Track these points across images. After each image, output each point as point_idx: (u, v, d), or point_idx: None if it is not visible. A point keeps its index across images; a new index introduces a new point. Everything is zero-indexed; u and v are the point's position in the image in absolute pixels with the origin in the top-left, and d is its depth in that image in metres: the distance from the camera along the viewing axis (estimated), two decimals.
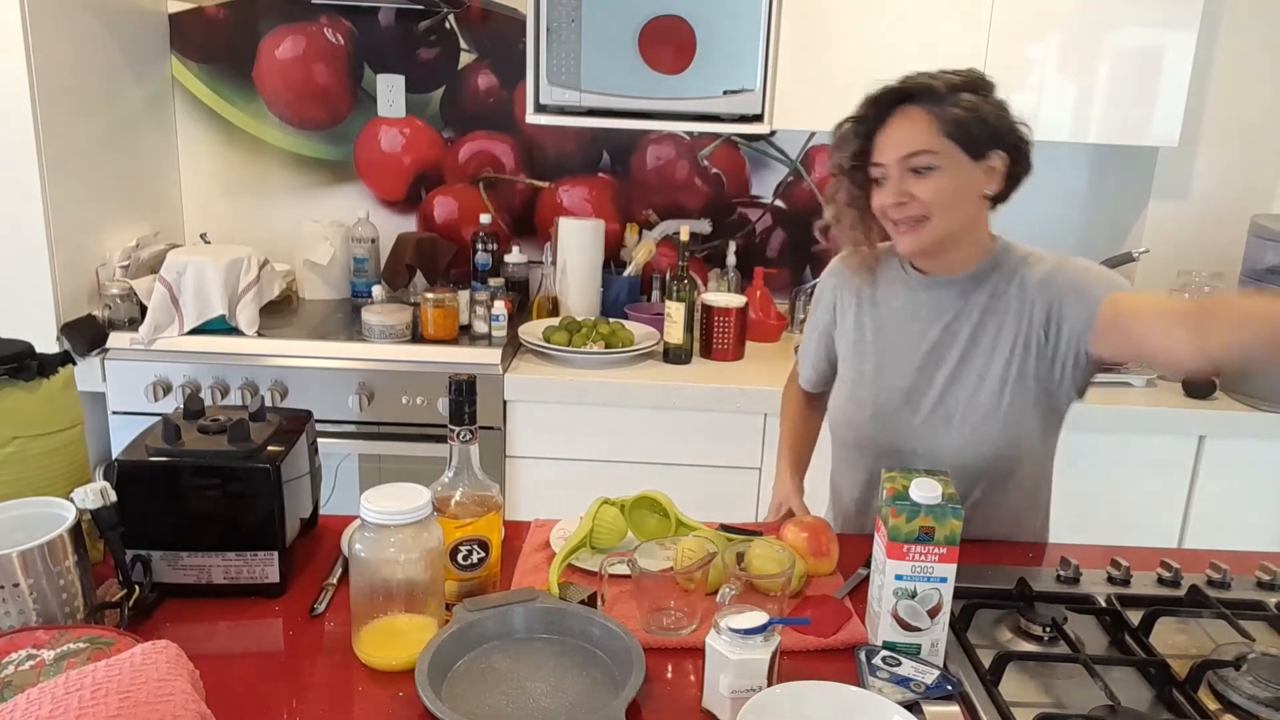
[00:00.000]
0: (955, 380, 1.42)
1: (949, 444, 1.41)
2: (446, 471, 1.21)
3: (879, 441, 1.47)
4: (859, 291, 1.52)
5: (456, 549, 1.18)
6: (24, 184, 2.20)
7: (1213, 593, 1.30)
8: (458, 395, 1.18)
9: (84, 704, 0.83)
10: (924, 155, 1.32)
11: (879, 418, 1.46)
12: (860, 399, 1.48)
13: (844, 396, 1.52)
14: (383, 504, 1.09)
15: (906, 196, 1.34)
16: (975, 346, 1.41)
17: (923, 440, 1.43)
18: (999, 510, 1.47)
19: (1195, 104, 2.47)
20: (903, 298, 1.47)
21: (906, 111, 1.34)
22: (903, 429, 1.44)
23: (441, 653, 1.06)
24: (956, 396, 1.41)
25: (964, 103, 1.33)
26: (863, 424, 1.48)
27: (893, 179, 1.35)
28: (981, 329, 1.41)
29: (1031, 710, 1.04)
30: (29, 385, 1.23)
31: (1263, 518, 2.36)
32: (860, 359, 1.50)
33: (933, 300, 1.44)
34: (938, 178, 1.33)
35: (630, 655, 1.06)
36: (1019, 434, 1.41)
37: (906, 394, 1.44)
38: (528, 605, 1.15)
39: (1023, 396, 1.39)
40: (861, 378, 1.49)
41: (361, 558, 1.10)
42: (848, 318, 1.53)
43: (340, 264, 2.77)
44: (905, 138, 1.33)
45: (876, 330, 1.49)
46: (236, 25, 2.75)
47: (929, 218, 1.34)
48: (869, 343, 1.49)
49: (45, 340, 2.24)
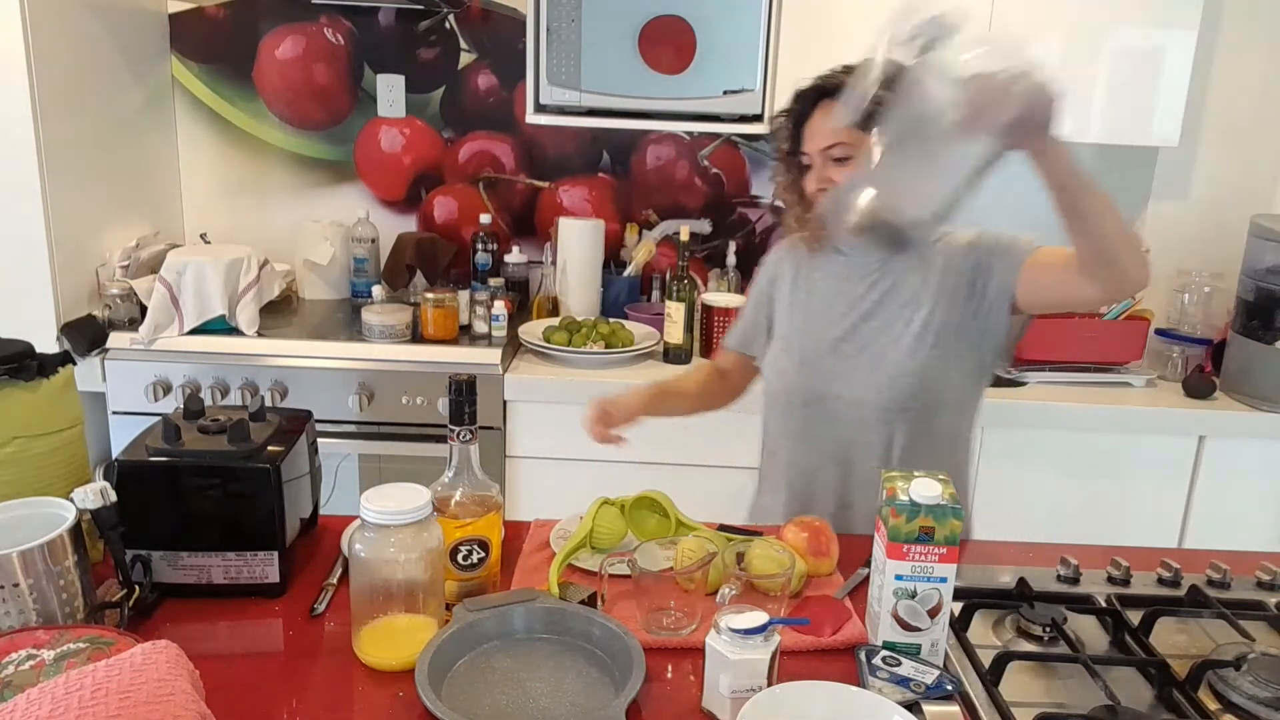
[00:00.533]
0: (882, 330, 1.53)
1: (871, 384, 1.51)
2: (446, 471, 1.21)
3: (805, 386, 1.57)
4: (798, 262, 1.65)
5: (456, 549, 1.18)
6: (24, 184, 2.20)
7: (1213, 593, 1.30)
8: (458, 395, 1.18)
9: (84, 704, 0.83)
10: (840, 147, 1.46)
11: (806, 364, 1.57)
12: (790, 349, 1.60)
13: (776, 350, 1.64)
14: (383, 504, 1.09)
15: (828, 183, 1.49)
16: (899, 297, 1.53)
17: (846, 383, 1.53)
18: (921, 462, 1.52)
19: (1195, 104, 2.47)
20: (837, 263, 1.60)
21: (826, 106, 1.48)
22: (827, 373, 1.55)
23: (441, 653, 1.06)
24: (881, 343, 1.52)
25: (877, 95, 1.41)
26: (790, 370, 1.59)
27: (816, 167, 1.50)
28: (905, 282, 1.53)
29: (1031, 710, 1.04)
30: (29, 385, 1.23)
31: (1263, 518, 2.36)
32: (793, 315, 1.62)
33: (863, 262, 1.57)
34: (854, 165, 1.46)
35: (630, 655, 1.06)
36: (938, 378, 1.51)
37: (834, 343, 1.56)
38: (528, 605, 1.15)
39: (945, 344, 1.50)
40: (793, 330, 1.62)
41: (361, 558, 1.10)
42: (785, 284, 1.65)
43: (340, 264, 2.77)
44: (824, 130, 1.47)
45: (810, 291, 1.62)
46: (236, 25, 2.75)
47: None
48: (803, 301, 1.62)
49: (45, 340, 2.24)
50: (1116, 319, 2.43)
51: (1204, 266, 2.56)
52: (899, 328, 1.51)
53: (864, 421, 1.53)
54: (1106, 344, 2.44)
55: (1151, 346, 2.47)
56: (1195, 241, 2.58)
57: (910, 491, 1.09)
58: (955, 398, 1.55)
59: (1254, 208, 2.50)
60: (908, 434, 1.52)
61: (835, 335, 1.56)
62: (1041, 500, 2.36)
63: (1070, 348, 2.43)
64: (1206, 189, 2.57)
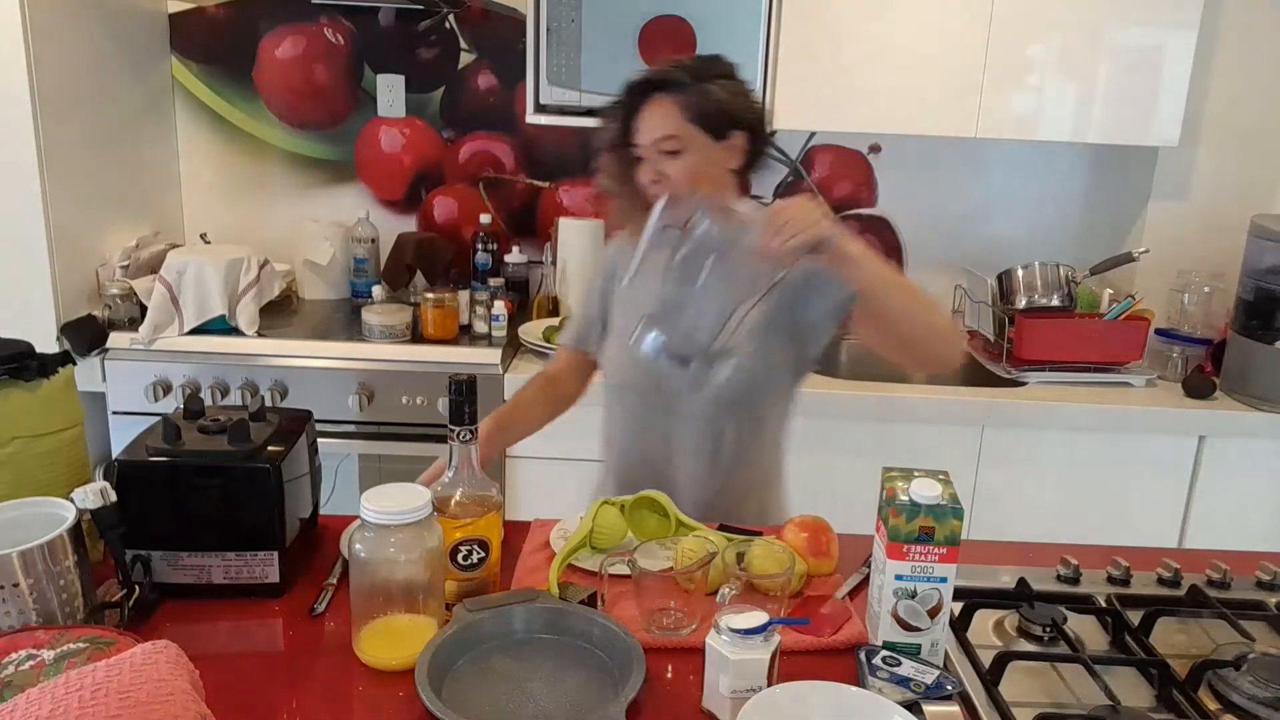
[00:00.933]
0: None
1: (712, 380, 1.53)
2: (446, 471, 1.21)
3: (646, 381, 1.58)
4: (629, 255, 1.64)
5: (456, 549, 1.18)
6: (24, 184, 2.20)
7: (1213, 593, 1.30)
8: (458, 395, 1.18)
9: (84, 704, 0.83)
10: (670, 140, 1.47)
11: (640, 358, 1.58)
12: (624, 343, 1.58)
13: (615, 345, 1.64)
14: (383, 504, 1.09)
15: (660, 175, 1.49)
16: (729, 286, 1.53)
17: (686, 379, 1.54)
18: (749, 453, 1.59)
19: (1195, 104, 2.47)
20: (667, 251, 1.59)
21: (656, 99, 1.49)
22: (660, 367, 1.55)
23: (441, 653, 1.06)
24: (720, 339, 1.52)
25: (704, 90, 1.48)
26: (625, 364, 1.60)
27: (648, 160, 1.50)
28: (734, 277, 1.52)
29: (1031, 710, 1.04)
30: (29, 385, 1.23)
31: (1263, 518, 2.36)
32: (626, 309, 1.63)
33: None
34: (684, 159, 1.48)
35: (630, 655, 1.06)
36: (768, 371, 1.55)
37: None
38: (528, 605, 1.15)
39: (778, 341, 1.53)
40: (628, 323, 1.59)
41: (361, 558, 1.10)
42: (623, 277, 1.64)
43: (340, 264, 2.77)
44: (654, 124, 1.48)
45: (642, 282, 1.60)
46: (236, 25, 2.75)
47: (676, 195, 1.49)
48: (634, 293, 1.61)
49: (45, 340, 2.24)
50: (1116, 319, 2.43)
51: (1204, 266, 2.56)
52: (733, 324, 1.52)
53: (696, 414, 1.55)
54: (1106, 344, 2.44)
55: (1151, 346, 2.47)
56: (1195, 241, 2.58)
57: (910, 491, 1.09)
58: (781, 390, 1.60)
59: (1254, 208, 2.50)
60: (737, 425, 1.56)
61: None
62: (1041, 500, 2.36)
63: (1070, 348, 2.43)
64: (1206, 189, 2.56)
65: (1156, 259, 2.53)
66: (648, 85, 1.50)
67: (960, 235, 2.85)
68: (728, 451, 1.57)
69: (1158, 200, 2.58)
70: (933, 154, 2.78)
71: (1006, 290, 2.52)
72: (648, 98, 1.49)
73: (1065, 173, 2.80)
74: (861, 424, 2.33)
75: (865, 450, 2.32)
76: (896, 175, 2.83)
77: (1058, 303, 2.48)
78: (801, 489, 1.75)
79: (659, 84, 1.49)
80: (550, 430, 2.33)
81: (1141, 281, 2.59)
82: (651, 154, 1.49)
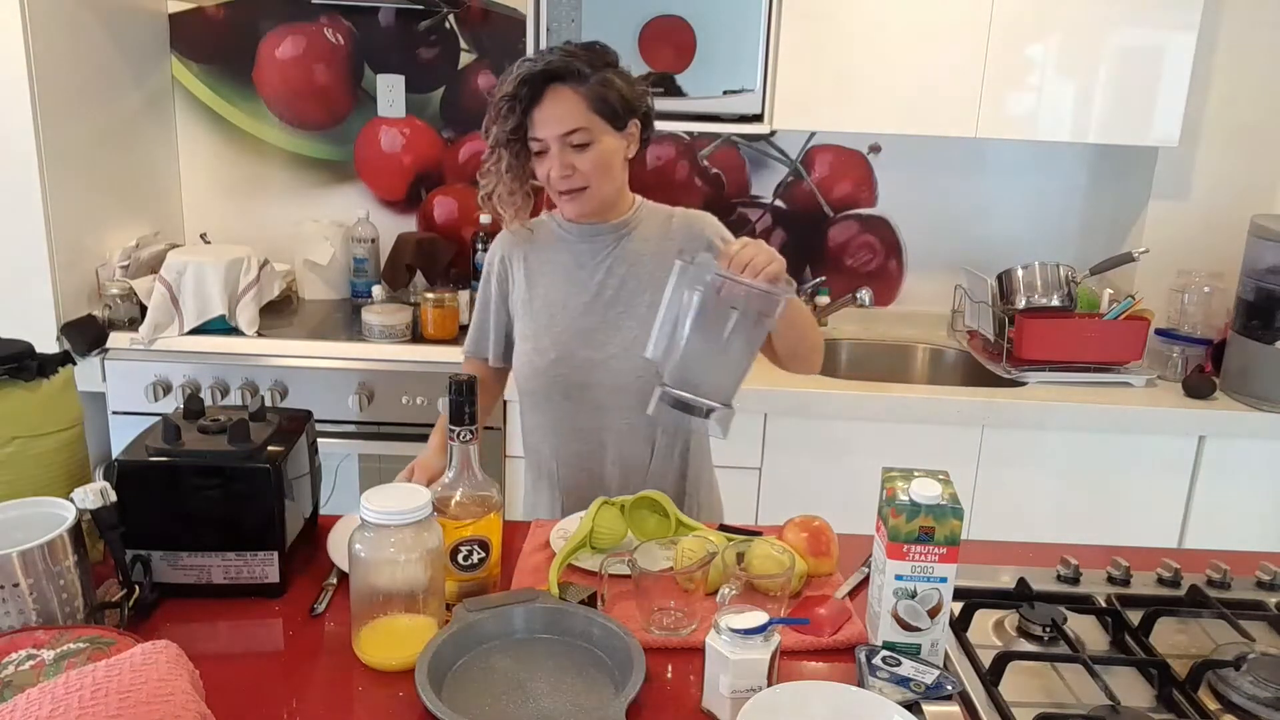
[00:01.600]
0: (626, 313, 1.56)
1: (628, 369, 1.53)
2: (447, 472, 1.21)
3: (567, 380, 1.57)
4: (525, 255, 1.63)
5: (457, 549, 1.18)
6: (24, 184, 2.20)
7: (1213, 593, 1.30)
8: (458, 395, 1.18)
9: (84, 704, 0.83)
10: (580, 132, 1.45)
11: (561, 359, 1.57)
12: (542, 346, 1.58)
13: (527, 350, 1.61)
14: (383, 504, 1.09)
15: (570, 169, 1.47)
16: (639, 282, 1.56)
17: (607, 372, 1.55)
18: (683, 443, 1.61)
19: (1195, 104, 2.47)
20: (565, 251, 1.60)
21: (558, 90, 1.45)
22: (585, 364, 1.56)
23: (441, 653, 1.06)
24: (629, 327, 1.54)
25: (604, 79, 1.47)
26: (547, 367, 1.58)
27: (554, 154, 1.47)
28: (641, 267, 1.56)
29: (1031, 710, 1.04)
30: (29, 385, 1.23)
31: (1263, 518, 2.36)
32: (535, 312, 1.60)
33: (591, 248, 1.58)
34: (593, 151, 1.47)
35: (630, 655, 1.06)
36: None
37: (585, 334, 1.57)
38: (528, 605, 1.15)
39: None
40: (540, 327, 1.60)
41: (361, 558, 1.10)
42: (519, 281, 1.63)
43: (340, 264, 2.77)
44: (561, 115, 1.45)
45: (547, 284, 1.61)
46: (236, 25, 2.75)
47: (588, 186, 1.49)
48: (541, 295, 1.61)
49: (45, 340, 2.24)
50: (1116, 319, 2.43)
51: (1204, 266, 2.56)
52: (643, 310, 1.53)
53: (626, 407, 1.55)
54: (1106, 344, 2.43)
55: (1151, 346, 2.47)
56: (1195, 241, 2.58)
57: (910, 491, 1.09)
58: None
59: (1254, 208, 2.50)
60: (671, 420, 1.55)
61: (585, 325, 1.56)
62: (1041, 500, 2.36)
63: (1070, 348, 2.43)
64: (1206, 189, 2.56)
65: (1156, 259, 2.53)
66: (547, 76, 1.44)
67: (960, 235, 2.85)
68: (663, 443, 1.58)
69: (1158, 200, 2.58)
70: (933, 154, 2.78)
71: (1006, 290, 2.52)
72: (546, 89, 1.44)
73: (1065, 173, 2.80)
74: (861, 424, 2.33)
75: (865, 450, 2.32)
76: (896, 175, 2.83)
77: (1058, 303, 2.48)
78: (802, 489, 1.75)
79: (559, 74, 1.44)
80: None
81: (1141, 281, 2.59)
82: (557, 147, 1.46)
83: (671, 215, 1.61)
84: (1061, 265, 2.50)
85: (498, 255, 1.66)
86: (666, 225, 1.59)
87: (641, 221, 1.59)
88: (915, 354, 2.79)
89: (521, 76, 1.44)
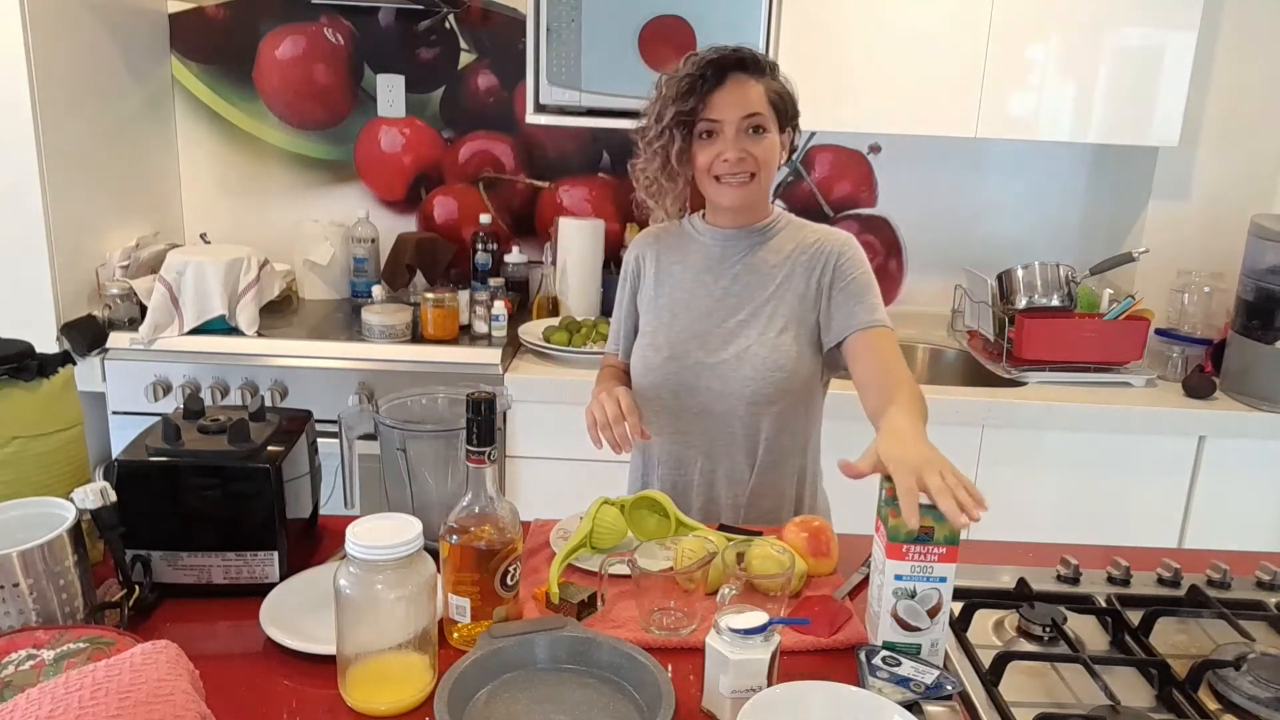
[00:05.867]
0: (746, 322, 1.55)
1: (741, 377, 1.53)
2: (465, 494, 1.13)
3: (676, 380, 1.57)
4: (658, 255, 1.64)
5: (506, 571, 1.13)
6: (24, 184, 2.20)
7: (1213, 593, 1.30)
8: (476, 414, 1.09)
9: (84, 704, 0.83)
10: (759, 117, 1.46)
11: (674, 359, 1.57)
12: (658, 344, 1.59)
13: (644, 345, 1.62)
14: (371, 538, 1.01)
15: (745, 153, 1.47)
16: (763, 292, 1.55)
17: (717, 377, 1.54)
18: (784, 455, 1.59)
19: (1195, 104, 2.47)
20: (697, 253, 1.61)
21: (740, 77, 1.47)
22: (696, 367, 1.56)
23: (463, 681, 1.01)
24: (748, 335, 1.54)
25: (780, 79, 1.52)
26: (659, 366, 1.58)
27: (729, 136, 1.46)
28: (769, 278, 1.56)
29: (1031, 710, 1.04)
30: (29, 385, 1.23)
31: (1263, 518, 2.36)
32: (659, 310, 1.61)
33: (723, 253, 1.59)
34: (768, 139, 1.48)
35: (660, 691, 0.99)
36: (801, 372, 1.54)
37: (701, 337, 1.56)
38: (552, 634, 1.08)
39: (805, 340, 1.54)
40: (659, 325, 1.60)
41: (347, 595, 1.01)
42: (648, 279, 1.64)
43: (340, 264, 2.77)
44: (745, 99, 1.46)
45: (674, 284, 1.61)
46: (236, 25, 2.75)
47: (756, 174, 1.49)
48: (666, 295, 1.61)
49: (45, 340, 2.24)
50: (1116, 319, 2.43)
51: (1204, 266, 2.56)
52: (763, 321, 1.54)
53: (732, 414, 1.55)
54: (1106, 344, 2.44)
55: (1151, 346, 2.47)
56: (1195, 241, 2.58)
57: None
58: (812, 390, 1.59)
59: (1254, 208, 2.50)
60: (772, 426, 1.56)
61: (702, 329, 1.56)
62: (1041, 500, 2.36)
63: (1070, 348, 2.43)
64: (1206, 189, 2.56)
65: (1156, 259, 2.53)
66: (728, 63, 1.46)
67: (960, 235, 2.85)
68: (764, 450, 1.56)
69: (1158, 200, 2.58)
70: (933, 154, 2.78)
71: (1006, 290, 2.52)
72: (729, 75, 1.46)
73: (1065, 173, 2.80)
74: (862, 424, 2.32)
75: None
76: (896, 175, 2.83)
77: (1058, 303, 2.48)
78: None
79: (744, 63, 1.46)
80: (550, 430, 2.34)
81: (1141, 281, 2.59)
82: (734, 130, 1.45)
83: (812, 232, 1.58)
84: (1061, 265, 2.50)
85: (633, 254, 1.68)
86: (803, 242, 1.56)
87: (778, 233, 1.58)
88: (915, 354, 2.79)
89: (707, 59, 1.46)
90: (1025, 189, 2.83)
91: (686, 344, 1.57)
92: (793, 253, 1.55)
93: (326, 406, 2.31)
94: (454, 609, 1.13)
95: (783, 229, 1.58)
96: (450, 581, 1.13)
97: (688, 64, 1.47)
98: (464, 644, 1.12)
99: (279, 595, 1.20)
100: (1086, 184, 2.81)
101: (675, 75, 1.48)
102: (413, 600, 1.03)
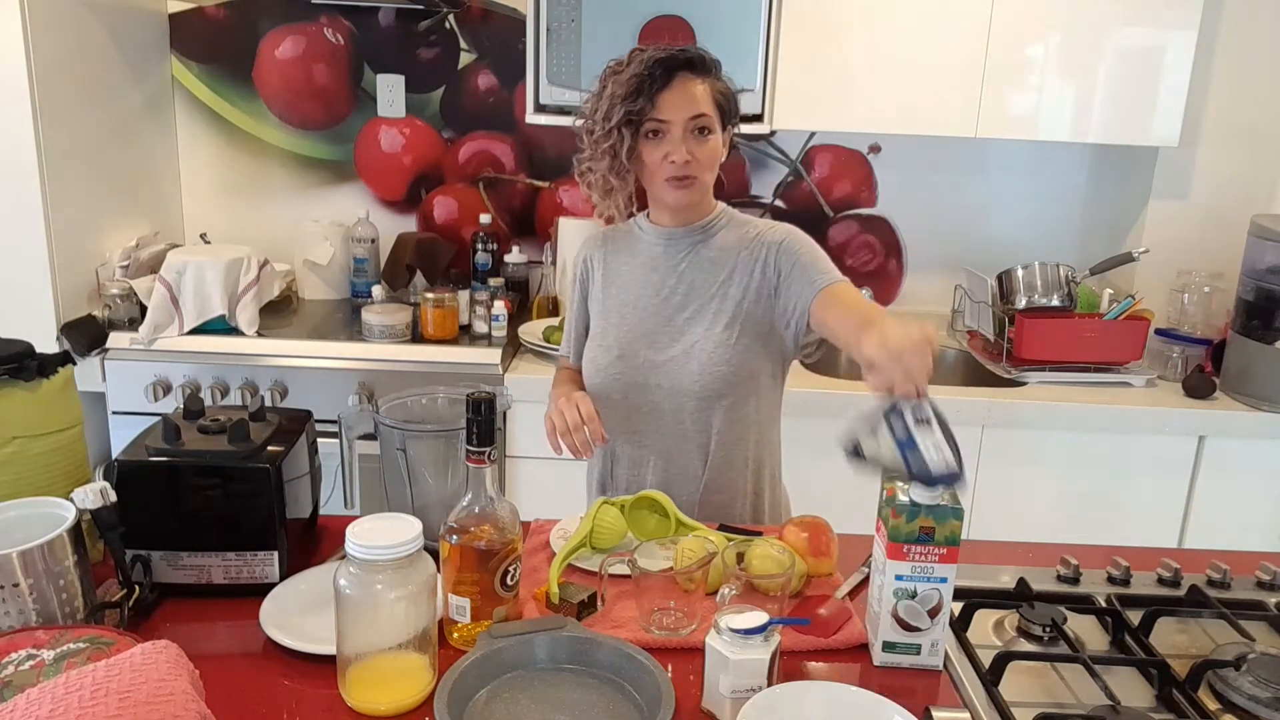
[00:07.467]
0: (693, 319, 1.56)
1: (689, 373, 1.54)
2: (465, 494, 1.13)
3: (626, 379, 1.58)
4: (606, 257, 1.66)
5: (507, 571, 1.13)
6: (24, 184, 2.20)
7: (1213, 593, 1.30)
8: (476, 414, 1.10)
9: (84, 704, 0.83)
10: (705, 118, 1.47)
11: (623, 358, 1.58)
12: (607, 344, 1.60)
13: (594, 345, 1.63)
14: (370, 538, 1.01)
15: (690, 155, 1.47)
16: (708, 289, 1.56)
17: (665, 374, 1.56)
18: (737, 449, 1.58)
19: (1195, 104, 2.47)
20: (643, 253, 1.62)
21: (686, 78, 1.47)
22: (645, 365, 1.57)
23: (463, 681, 1.01)
24: (694, 332, 1.55)
25: (723, 79, 1.53)
26: (609, 365, 1.59)
27: (676, 137, 1.47)
28: (713, 274, 1.56)
29: (1031, 710, 1.04)
30: (29, 385, 1.23)
31: (1263, 518, 2.36)
32: (607, 310, 1.62)
33: (667, 251, 1.60)
34: (712, 140, 1.49)
35: (660, 692, 0.99)
36: (748, 366, 1.55)
37: (649, 335, 1.58)
38: (553, 634, 1.08)
39: (751, 334, 1.54)
40: (608, 325, 1.62)
41: (347, 595, 1.02)
42: (597, 281, 1.66)
43: (340, 264, 2.77)
44: (692, 100, 1.46)
45: (621, 284, 1.62)
46: (236, 25, 2.75)
47: (698, 176, 1.50)
48: (615, 295, 1.62)
49: (45, 340, 2.24)
50: (1116, 319, 2.43)
51: (1204, 266, 2.56)
52: (709, 317, 1.55)
53: (683, 410, 1.56)
54: (1106, 344, 2.43)
55: (1151, 346, 2.47)
56: (1195, 241, 2.58)
57: (910, 492, 1.09)
58: (765, 384, 1.59)
59: (1254, 208, 2.50)
60: (724, 421, 1.56)
61: (650, 328, 1.57)
62: (1041, 500, 2.36)
63: (1070, 348, 2.43)
64: (1206, 189, 2.56)
65: (1156, 259, 2.53)
66: (676, 63, 1.46)
67: (960, 235, 2.85)
68: (716, 444, 1.57)
69: (1158, 200, 2.58)
70: (933, 154, 2.78)
71: (1006, 290, 2.52)
72: (676, 75, 1.46)
73: (1065, 173, 2.80)
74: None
75: None
76: (896, 175, 2.83)
77: (1058, 303, 2.48)
78: (802, 489, 1.74)
79: (691, 63, 1.47)
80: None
81: (1141, 281, 2.59)
82: (681, 131, 1.46)
83: (755, 229, 1.58)
84: (1061, 265, 2.50)
85: (583, 257, 1.68)
86: (744, 237, 1.57)
87: (721, 229, 1.59)
88: None
89: (655, 58, 1.46)
90: (1025, 189, 2.83)
91: (635, 343, 1.58)
92: (735, 248, 1.56)
93: (326, 406, 2.31)
94: (454, 609, 1.13)
95: (725, 225, 1.59)
96: (450, 581, 1.13)
97: (635, 62, 1.47)
98: (464, 644, 1.12)
99: (279, 595, 1.20)
100: (1086, 184, 2.81)
101: (622, 73, 1.47)
102: (413, 600, 1.03)
